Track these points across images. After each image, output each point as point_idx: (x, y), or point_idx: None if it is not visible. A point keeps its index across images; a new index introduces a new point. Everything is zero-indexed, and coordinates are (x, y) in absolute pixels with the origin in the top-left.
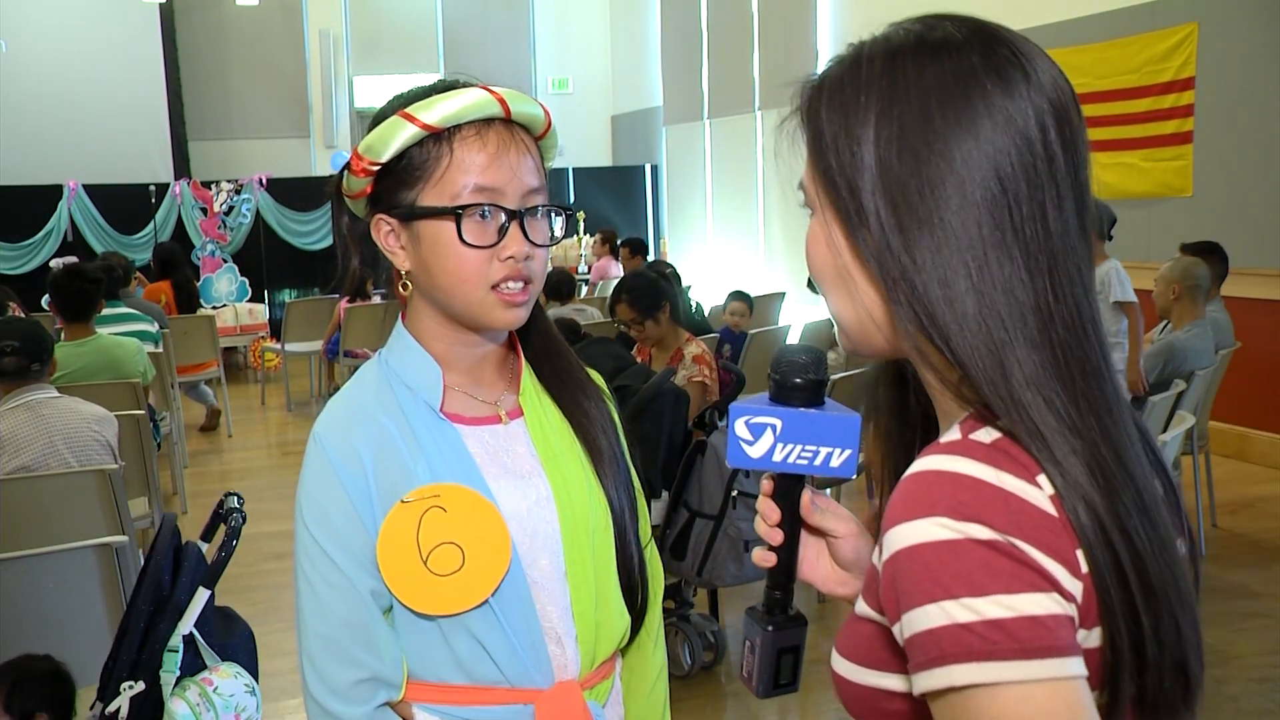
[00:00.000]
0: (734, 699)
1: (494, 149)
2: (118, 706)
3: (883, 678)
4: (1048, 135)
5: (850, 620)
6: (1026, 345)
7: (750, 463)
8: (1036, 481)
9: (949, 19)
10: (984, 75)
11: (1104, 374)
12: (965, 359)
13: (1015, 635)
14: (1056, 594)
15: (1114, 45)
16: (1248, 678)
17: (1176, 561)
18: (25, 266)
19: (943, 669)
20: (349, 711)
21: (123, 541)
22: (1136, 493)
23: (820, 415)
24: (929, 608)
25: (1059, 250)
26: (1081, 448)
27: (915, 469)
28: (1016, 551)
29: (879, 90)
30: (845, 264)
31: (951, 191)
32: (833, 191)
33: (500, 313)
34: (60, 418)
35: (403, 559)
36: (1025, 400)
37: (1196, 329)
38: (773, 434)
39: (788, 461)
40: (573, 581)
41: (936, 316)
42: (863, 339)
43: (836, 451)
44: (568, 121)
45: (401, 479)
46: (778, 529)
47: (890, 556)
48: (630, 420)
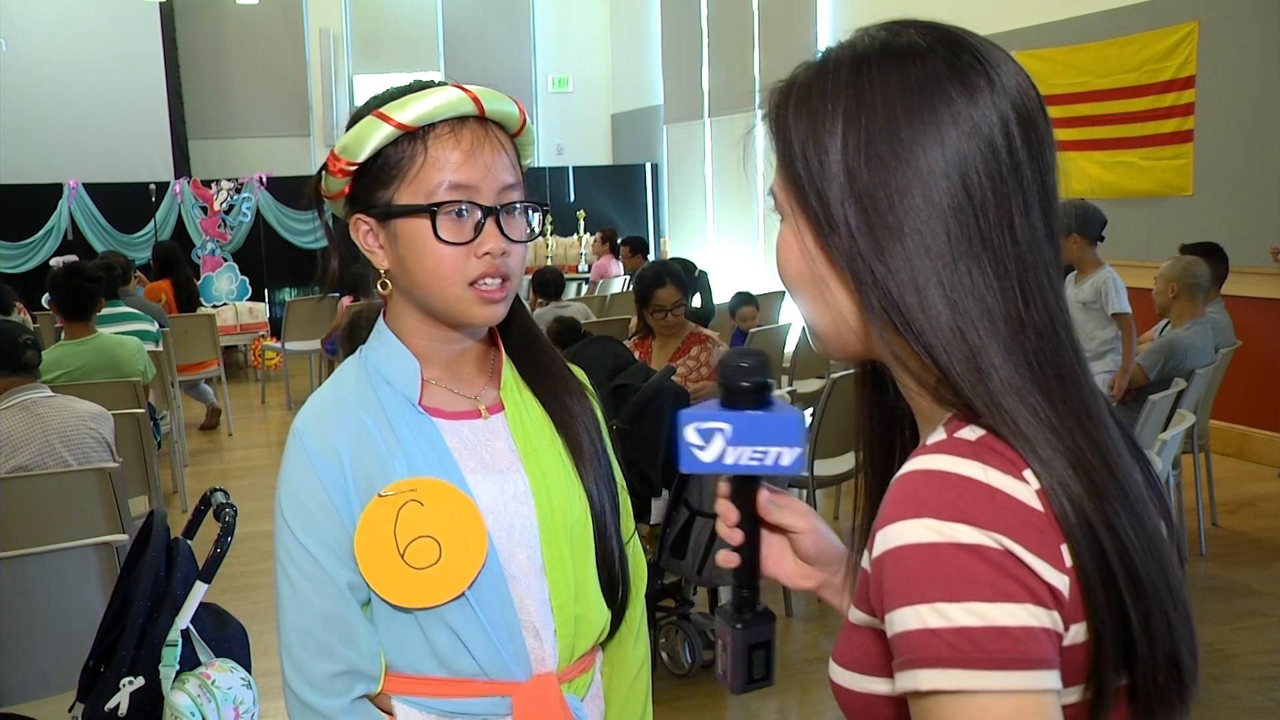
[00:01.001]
0: (734, 698)
1: (468, 146)
2: (117, 703)
3: (876, 683)
4: (1013, 142)
5: (845, 628)
6: (1001, 352)
7: (703, 467)
8: (1023, 476)
9: (914, 25)
10: (949, 82)
11: (1079, 376)
12: (943, 364)
13: (981, 645)
14: (1032, 604)
15: (1114, 44)
16: (1247, 676)
17: (1167, 558)
18: (25, 265)
19: (911, 672)
20: (326, 703)
21: (123, 540)
22: (1121, 490)
23: (767, 416)
24: (905, 610)
25: (1027, 257)
26: (1063, 447)
27: (905, 469)
28: (999, 556)
29: (845, 98)
30: (818, 270)
31: (919, 200)
32: (802, 199)
33: (478, 309)
34: (56, 416)
35: (380, 552)
36: (1005, 404)
37: (1196, 326)
38: (723, 438)
39: (740, 463)
40: (550, 575)
41: (911, 323)
42: (837, 343)
43: (785, 450)
44: (568, 120)
45: (379, 473)
46: (737, 529)
47: (877, 557)
48: (631, 419)
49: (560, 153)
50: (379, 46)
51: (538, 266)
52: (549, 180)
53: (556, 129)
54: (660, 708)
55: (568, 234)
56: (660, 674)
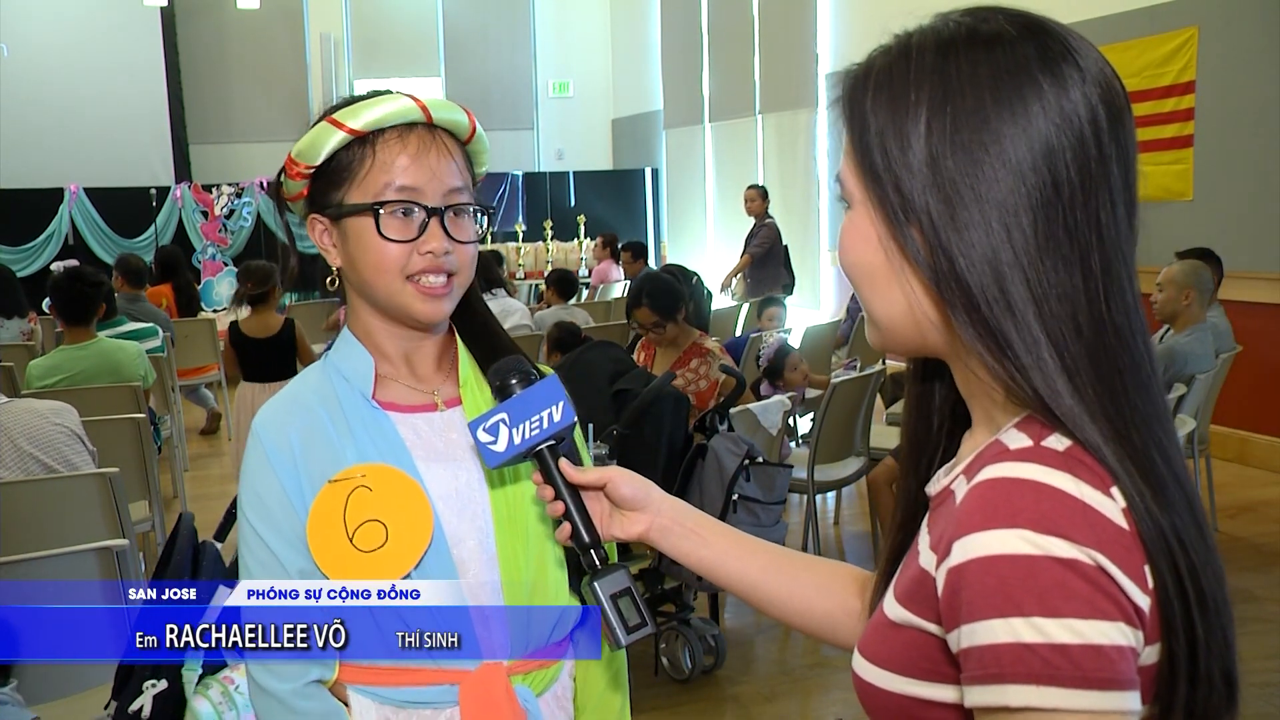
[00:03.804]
0: (734, 703)
1: (414, 150)
2: (140, 705)
3: (927, 688)
4: (1101, 135)
5: (879, 624)
6: (1084, 354)
7: (502, 457)
8: (1111, 493)
9: (1001, 12)
10: (1039, 71)
11: (1154, 384)
12: (1024, 362)
13: (1078, 663)
14: (1124, 623)
15: (1114, 49)
16: (1248, 682)
17: (1222, 572)
18: (26, 270)
19: (998, 686)
20: (279, 686)
21: (123, 545)
22: (1189, 503)
23: (527, 390)
24: (995, 622)
25: (1111, 255)
26: (1142, 460)
27: (991, 475)
28: (1094, 573)
29: (930, 84)
30: (890, 260)
31: (1006, 191)
32: (878, 187)
33: (419, 304)
34: (17, 420)
35: (330, 536)
36: (1088, 412)
37: (1196, 333)
38: (505, 425)
39: (527, 439)
40: (504, 564)
41: (991, 319)
42: (901, 335)
43: (553, 408)
44: (568, 125)
45: (330, 463)
46: (557, 502)
47: (960, 564)
48: (631, 424)
49: (560, 158)
50: (380, 51)
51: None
52: (549, 185)
53: (557, 134)
54: (660, 713)
55: (568, 239)
56: (660, 679)
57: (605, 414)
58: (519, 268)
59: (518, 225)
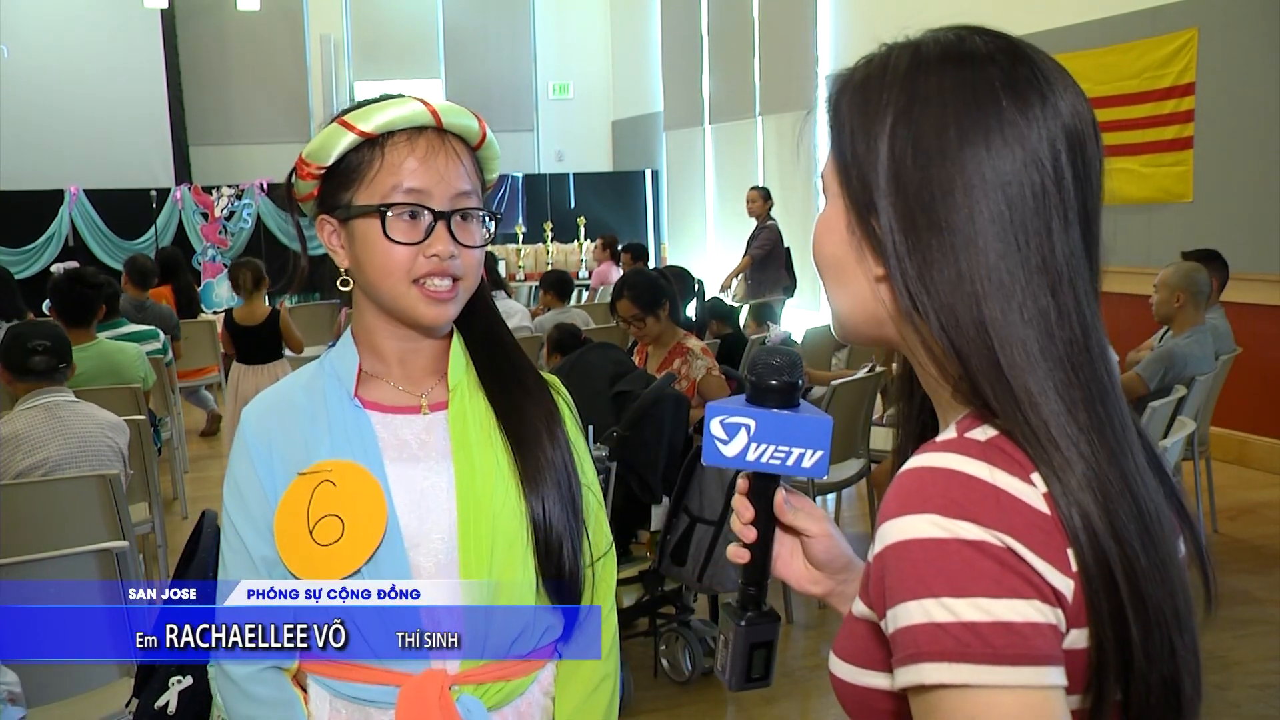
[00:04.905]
0: (734, 704)
1: (423, 154)
2: (166, 701)
3: (874, 676)
4: (1059, 160)
5: (847, 621)
6: (1026, 357)
7: (725, 461)
8: (1030, 479)
9: (981, 32)
10: (1001, 90)
11: (1108, 393)
12: (965, 359)
13: (988, 639)
14: (1039, 600)
15: (1114, 51)
16: (1249, 684)
17: (1178, 586)
18: (26, 271)
19: (915, 666)
20: (236, 670)
21: (123, 547)
22: (1136, 508)
23: (793, 417)
24: (910, 604)
25: (1063, 270)
26: (1078, 456)
27: (910, 465)
28: (1002, 553)
29: (899, 92)
30: (854, 254)
31: (960, 199)
32: (847, 182)
33: (424, 308)
34: (78, 422)
35: (293, 527)
36: (1022, 407)
37: (1196, 335)
38: (747, 434)
39: (761, 461)
40: (465, 568)
41: (940, 315)
42: (858, 328)
43: (809, 452)
44: (568, 127)
45: (303, 455)
46: (751, 526)
47: (880, 551)
48: (631, 425)
49: (560, 159)
50: (380, 53)
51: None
52: (549, 186)
53: (557, 135)
54: (660, 714)
55: (568, 240)
56: (660, 681)
57: (606, 415)
58: (519, 269)
59: (518, 227)
